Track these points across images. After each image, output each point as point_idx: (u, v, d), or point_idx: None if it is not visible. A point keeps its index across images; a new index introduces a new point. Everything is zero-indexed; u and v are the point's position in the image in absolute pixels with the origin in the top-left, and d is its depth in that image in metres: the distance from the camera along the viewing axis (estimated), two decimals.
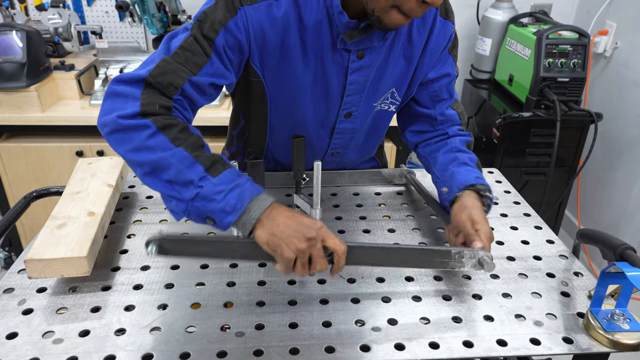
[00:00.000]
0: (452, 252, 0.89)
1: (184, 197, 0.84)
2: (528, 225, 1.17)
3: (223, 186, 0.83)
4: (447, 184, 1.09)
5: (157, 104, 0.87)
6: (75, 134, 2.13)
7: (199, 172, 0.84)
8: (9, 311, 0.87)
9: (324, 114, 1.12)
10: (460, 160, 1.12)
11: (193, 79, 0.91)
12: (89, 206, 1.06)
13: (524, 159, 2.42)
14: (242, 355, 0.78)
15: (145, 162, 0.85)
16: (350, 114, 1.13)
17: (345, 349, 0.80)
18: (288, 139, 1.14)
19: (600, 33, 2.57)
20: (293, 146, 1.07)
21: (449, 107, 1.19)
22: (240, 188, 0.84)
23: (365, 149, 1.30)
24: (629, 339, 0.81)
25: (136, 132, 0.85)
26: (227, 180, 0.84)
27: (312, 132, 1.15)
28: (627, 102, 2.47)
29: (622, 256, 0.90)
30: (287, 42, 0.99)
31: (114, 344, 0.80)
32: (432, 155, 1.19)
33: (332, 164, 1.29)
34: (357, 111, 1.13)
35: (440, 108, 1.19)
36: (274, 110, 1.12)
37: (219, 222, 0.84)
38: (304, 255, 0.81)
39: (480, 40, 2.71)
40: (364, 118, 1.16)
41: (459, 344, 0.82)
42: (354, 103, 1.11)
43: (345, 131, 1.17)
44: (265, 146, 1.24)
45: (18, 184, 2.17)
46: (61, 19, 2.32)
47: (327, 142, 1.20)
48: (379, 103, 1.15)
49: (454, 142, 1.18)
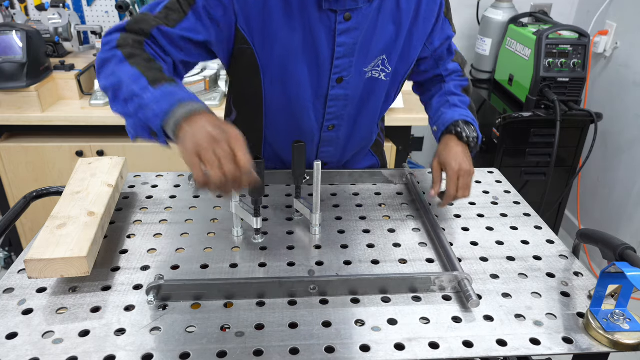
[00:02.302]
0: (431, 278, 0.92)
1: (129, 111, 0.89)
2: (528, 225, 1.17)
3: (160, 94, 0.87)
4: (436, 124, 1.24)
5: (130, 39, 0.98)
6: (75, 134, 2.13)
7: (142, 85, 0.89)
8: (9, 311, 0.87)
9: (316, 80, 1.13)
10: (451, 103, 1.25)
11: (163, 28, 1.00)
12: (89, 206, 1.06)
13: (524, 159, 2.42)
14: (242, 355, 0.78)
15: (109, 87, 0.93)
16: (341, 79, 1.14)
17: (345, 349, 0.80)
18: (285, 123, 1.17)
19: (600, 33, 2.57)
20: (293, 151, 1.07)
21: (450, 62, 1.30)
22: (175, 96, 0.87)
23: (360, 125, 1.27)
24: (629, 339, 0.81)
25: (108, 62, 0.96)
26: (167, 91, 0.88)
27: (308, 103, 1.17)
28: (627, 102, 2.47)
29: (622, 256, 0.90)
30: (270, 2, 1.03)
31: (114, 344, 0.80)
32: (429, 101, 1.33)
33: (330, 145, 1.27)
34: (348, 76, 1.14)
35: (443, 65, 1.29)
36: (267, 83, 1.14)
37: (154, 128, 0.87)
38: (206, 151, 0.80)
39: (480, 40, 2.71)
40: (355, 85, 1.16)
41: (459, 344, 0.82)
42: (345, 67, 1.12)
43: (338, 98, 1.17)
44: (263, 137, 1.25)
45: (18, 184, 2.17)
46: (61, 19, 2.32)
47: (322, 113, 1.19)
48: (370, 70, 1.16)
49: (448, 87, 1.30)
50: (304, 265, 1.00)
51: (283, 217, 1.17)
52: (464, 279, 0.92)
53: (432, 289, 0.93)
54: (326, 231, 1.12)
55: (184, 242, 1.07)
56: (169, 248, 1.05)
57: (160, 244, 1.06)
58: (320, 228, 1.11)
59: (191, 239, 1.08)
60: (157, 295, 0.88)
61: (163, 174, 1.35)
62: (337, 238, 1.10)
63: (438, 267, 1.01)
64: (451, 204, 1.23)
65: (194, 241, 1.07)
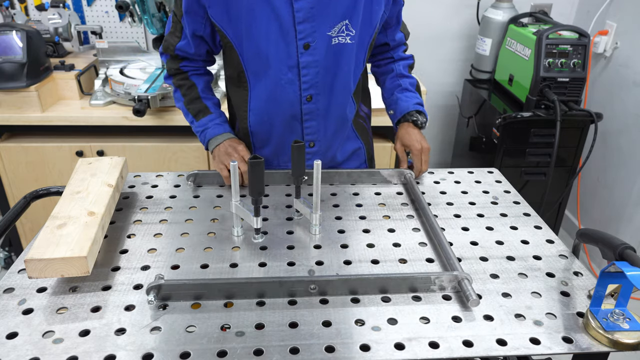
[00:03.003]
0: (431, 278, 0.93)
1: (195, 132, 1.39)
2: (528, 225, 1.17)
3: (200, 129, 1.36)
4: (392, 108, 1.44)
5: (172, 68, 1.36)
6: (75, 134, 2.13)
7: (190, 119, 1.38)
8: (9, 311, 0.87)
9: (285, 48, 1.21)
10: (403, 87, 1.43)
11: (177, 45, 1.31)
12: (89, 206, 1.06)
13: (524, 159, 2.42)
14: (242, 355, 0.79)
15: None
16: (308, 45, 1.21)
17: (345, 348, 0.80)
18: (267, 100, 1.29)
19: (600, 33, 2.57)
20: (293, 151, 1.07)
21: (398, 31, 1.41)
22: (206, 131, 1.34)
23: (336, 94, 1.31)
24: (629, 339, 0.81)
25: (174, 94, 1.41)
26: (201, 124, 1.36)
27: (282, 76, 1.25)
28: (627, 102, 2.47)
29: (622, 256, 0.90)
30: None
31: (114, 344, 0.80)
32: (381, 79, 1.49)
33: (312, 119, 1.32)
34: (314, 42, 1.21)
35: (391, 34, 1.40)
36: (245, 60, 1.26)
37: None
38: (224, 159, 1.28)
39: (480, 40, 2.71)
40: (323, 51, 1.23)
41: (459, 344, 0.82)
42: (309, 33, 1.20)
43: (309, 65, 1.24)
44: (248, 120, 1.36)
45: (18, 184, 2.17)
46: (61, 19, 2.32)
47: (297, 85, 1.26)
48: (335, 35, 1.22)
49: (398, 68, 1.44)
50: (304, 265, 1.00)
51: (283, 217, 1.17)
52: (464, 278, 0.92)
53: (432, 288, 0.93)
54: (326, 231, 1.12)
55: (184, 242, 1.07)
56: (169, 248, 1.05)
57: (160, 244, 1.06)
58: (320, 228, 1.11)
59: (191, 239, 1.08)
60: (157, 295, 0.88)
61: (163, 174, 1.35)
62: (337, 238, 1.10)
63: (438, 267, 1.01)
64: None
65: (194, 241, 1.07)
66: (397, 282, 0.92)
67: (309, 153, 1.38)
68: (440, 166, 3.24)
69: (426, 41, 2.86)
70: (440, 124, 3.12)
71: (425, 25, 2.82)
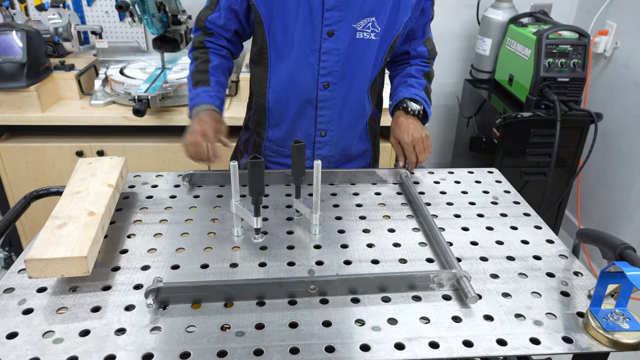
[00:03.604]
0: (430, 276, 0.93)
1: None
2: (528, 225, 1.17)
3: (192, 95, 1.33)
4: (391, 99, 1.44)
5: (197, 41, 1.39)
6: (75, 134, 2.13)
7: (189, 86, 1.36)
8: (9, 311, 0.87)
9: (310, 32, 1.26)
10: (408, 83, 1.42)
11: (210, 17, 1.35)
12: (89, 206, 1.06)
13: (524, 159, 2.42)
14: (242, 355, 0.79)
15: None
16: (332, 33, 1.25)
17: (345, 348, 0.80)
18: (286, 79, 1.32)
19: (600, 33, 2.57)
20: (293, 150, 1.07)
21: (421, 45, 1.43)
22: (196, 99, 1.31)
23: (353, 87, 1.34)
24: (629, 339, 0.81)
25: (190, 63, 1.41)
26: (195, 93, 1.32)
27: (304, 58, 1.29)
28: (627, 102, 2.47)
29: (622, 256, 0.90)
30: None
31: (114, 344, 0.80)
32: (392, 80, 1.49)
33: (327, 107, 1.35)
34: (339, 31, 1.25)
35: (414, 45, 1.43)
36: (270, 38, 1.30)
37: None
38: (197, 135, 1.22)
39: (480, 40, 2.71)
40: (346, 41, 1.27)
41: (459, 344, 0.82)
42: (335, 21, 1.24)
43: (330, 52, 1.27)
44: (266, 98, 1.38)
45: (18, 184, 2.17)
46: (61, 19, 2.32)
47: (316, 69, 1.30)
48: (361, 29, 1.26)
49: (410, 70, 1.45)
50: (304, 265, 1.00)
51: (283, 217, 1.17)
52: (462, 276, 0.92)
53: (431, 287, 0.93)
54: (326, 231, 1.12)
55: (184, 242, 1.07)
56: (169, 248, 1.05)
57: (160, 244, 1.06)
58: (320, 228, 1.11)
59: (191, 239, 1.08)
60: (156, 298, 0.88)
61: (163, 174, 1.35)
62: (337, 238, 1.10)
63: (438, 267, 1.01)
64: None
65: (194, 241, 1.07)
66: (396, 281, 0.93)
67: (320, 142, 1.41)
68: (440, 166, 3.24)
69: None
70: (440, 124, 3.12)
71: None
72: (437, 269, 1.00)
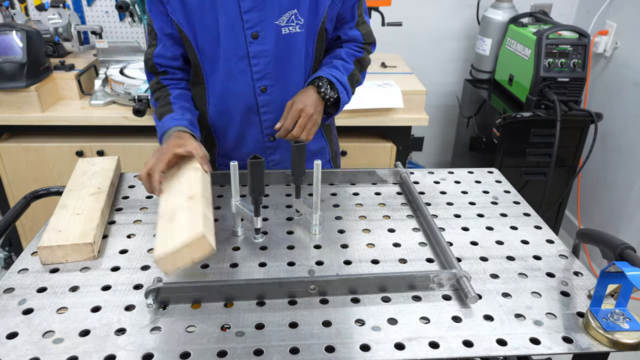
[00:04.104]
0: (430, 276, 0.92)
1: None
2: (528, 225, 1.17)
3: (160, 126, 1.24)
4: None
5: (153, 85, 1.33)
6: (75, 134, 2.13)
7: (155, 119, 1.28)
8: (9, 311, 0.87)
9: (234, 40, 1.22)
10: (333, 65, 1.30)
11: (154, 52, 1.29)
12: (187, 190, 1.03)
13: (524, 159, 2.42)
14: (242, 355, 0.79)
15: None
16: (256, 35, 1.22)
17: (345, 348, 0.80)
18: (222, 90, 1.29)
19: (600, 33, 2.57)
20: (293, 151, 1.07)
21: (352, 28, 1.33)
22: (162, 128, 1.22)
23: (290, 86, 1.30)
24: (629, 339, 0.81)
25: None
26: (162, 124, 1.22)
27: (233, 67, 1.25)
28: (627, 102, 2.47)
29: (622, 256, 0.90)
30: None
31: (114, 344, 0.80)
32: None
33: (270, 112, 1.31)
34: (262, 31, 1.22)
35: (344, 29, 1.33)
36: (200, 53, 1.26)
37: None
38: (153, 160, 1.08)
39: (480, 40, 2.71)
40: (273, 40, 1.23)
41: (459, 344, 0.82)
42: (256, 22, 1.21)
43: (258, 55, 1.24)
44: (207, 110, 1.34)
45: (18, 184, 2.17)
46: (61, 19, 2.32)
47: (249, 75, 1.26)
48: (285, 25, 1.22)
49: (340, 52, 1.34)
50: (304, 265, 1.00)
51: (283, 217, 1.17)
52: (462, 276, 0.92)
53: (432, 287, 0.93)
54: (326, 231, 1.12)
55: None
56: None
57: None
58: (320, 228, 1.11)
59: None
60: (156, 298, 0.88)
61: None
62: (337, 238, 1.10)
63: (438, 267, 1.01)
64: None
65: None
66: (396, 281, 0.93)
67: (271, 147, 1.38)
68: (440, 166, 3.24)
69: (426, 41, 2.86)
70: (440, 124, 3.12)
71: (425, 25, 2.83)
72: (437, 269, 1.00)
